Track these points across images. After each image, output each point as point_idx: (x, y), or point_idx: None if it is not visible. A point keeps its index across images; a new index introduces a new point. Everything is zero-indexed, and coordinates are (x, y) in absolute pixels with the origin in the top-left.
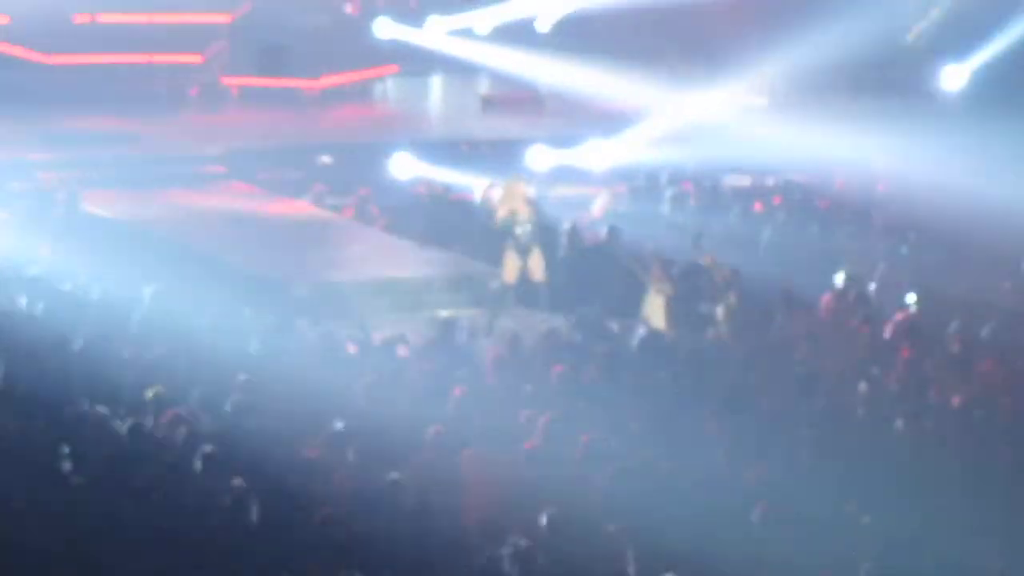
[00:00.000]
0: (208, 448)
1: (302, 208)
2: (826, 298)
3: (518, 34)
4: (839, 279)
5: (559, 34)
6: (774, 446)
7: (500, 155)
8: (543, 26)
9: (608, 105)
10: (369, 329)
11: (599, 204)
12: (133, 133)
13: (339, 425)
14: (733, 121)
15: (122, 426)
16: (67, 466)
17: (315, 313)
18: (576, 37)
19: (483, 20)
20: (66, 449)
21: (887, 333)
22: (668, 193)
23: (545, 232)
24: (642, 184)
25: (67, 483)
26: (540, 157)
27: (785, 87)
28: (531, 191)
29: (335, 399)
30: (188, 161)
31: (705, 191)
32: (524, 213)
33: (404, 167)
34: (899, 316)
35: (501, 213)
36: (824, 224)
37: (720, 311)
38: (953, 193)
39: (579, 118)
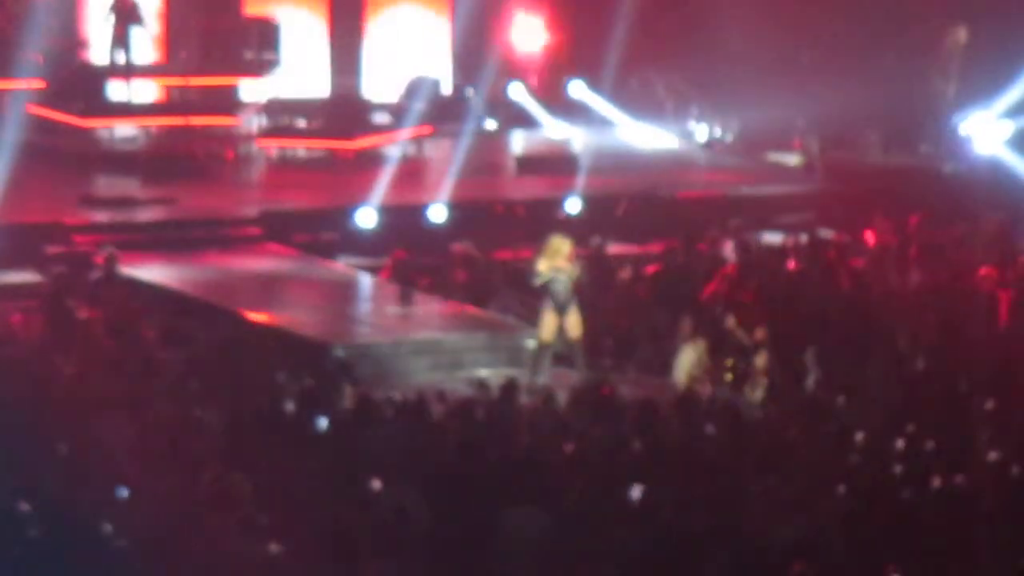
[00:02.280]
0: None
1: (338, 269)
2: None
3: None
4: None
5: None
6: (811, 503)
7: (536, 215)
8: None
9: None
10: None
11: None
12: (170, 197)
13: (376, 484)
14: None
15: None
16: None
17: (354, 375)
18: None
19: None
20: None
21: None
22: (709, 252)
23: (585, 289)
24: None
25: None
26: (575, 215)
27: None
28: (571, 248)
29: (370, 459)
30: (225, 224)
31: (740, 246)
32: (565, 270)
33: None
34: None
35: (542, 269)
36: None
37: (754, 367)
38: None
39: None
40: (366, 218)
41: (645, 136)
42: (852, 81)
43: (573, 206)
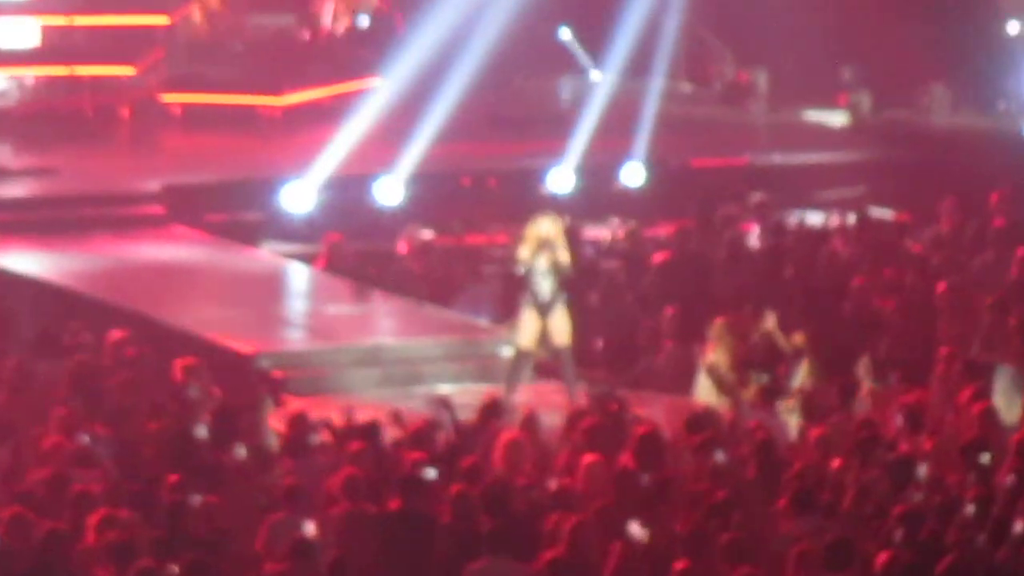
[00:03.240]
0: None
1: (261, 258)
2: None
3: None
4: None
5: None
6: (860, 554)
7: (512, 189)
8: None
9: None
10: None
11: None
12: (50, 167)
13: (310, 530)
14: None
15: None
16: None
17: (283, 391)
18: None
19: None
20: None
21: None
22: (727, 235)
23: (575, 283)
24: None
25: None
26: (562, 189)
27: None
28: (559, 232)
29: (305, 496)
30: (119, 201)
31: (767, 228)
32: (548, 260)
33: (391, 199)
34: None
35: (525, 256)
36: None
37: (791, 383)
38: None
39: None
40: (298, 195)
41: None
42: (912, 21)
43: (559, 181)
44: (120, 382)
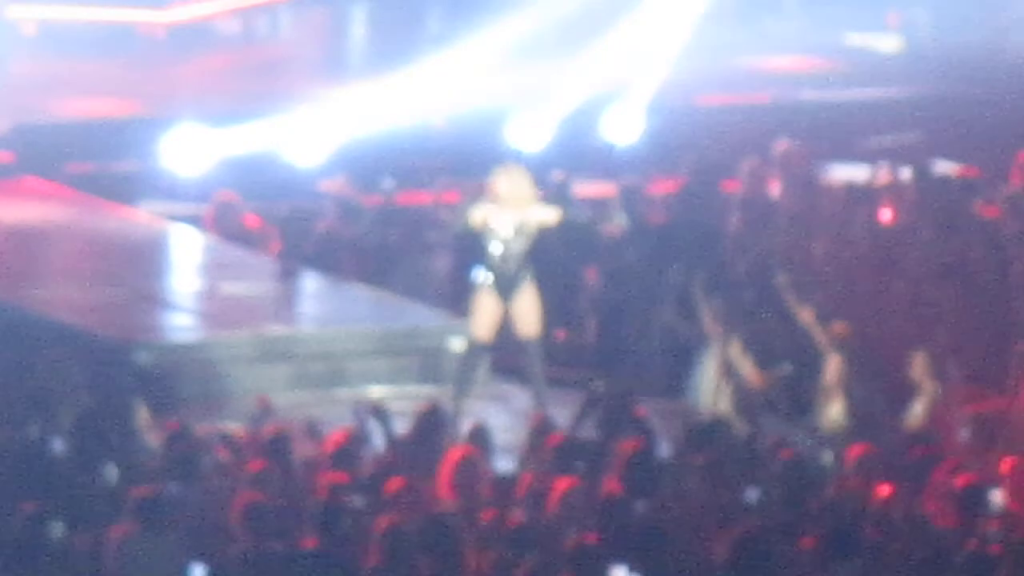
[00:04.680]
0: None
1: (138, 220)
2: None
3: None
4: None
5: None
6: None
7: (466, 133)
8: None
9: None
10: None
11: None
12: None
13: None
14: None
15: None
16: None
17: (164, 393)
18: None
19: None
20: None
21: None
22: (733, 194)
23: (546, 257)
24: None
25: None
26: (532, 134)
27: None
28: (525, 188)
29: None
30: None
31: (795, 187)
32: (510, 227)
33: (302, 148)
34: None
35: (475, 218)
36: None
37: (824, 389)
38: None
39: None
40: (186, 139)
41: None
42: None
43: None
44: None
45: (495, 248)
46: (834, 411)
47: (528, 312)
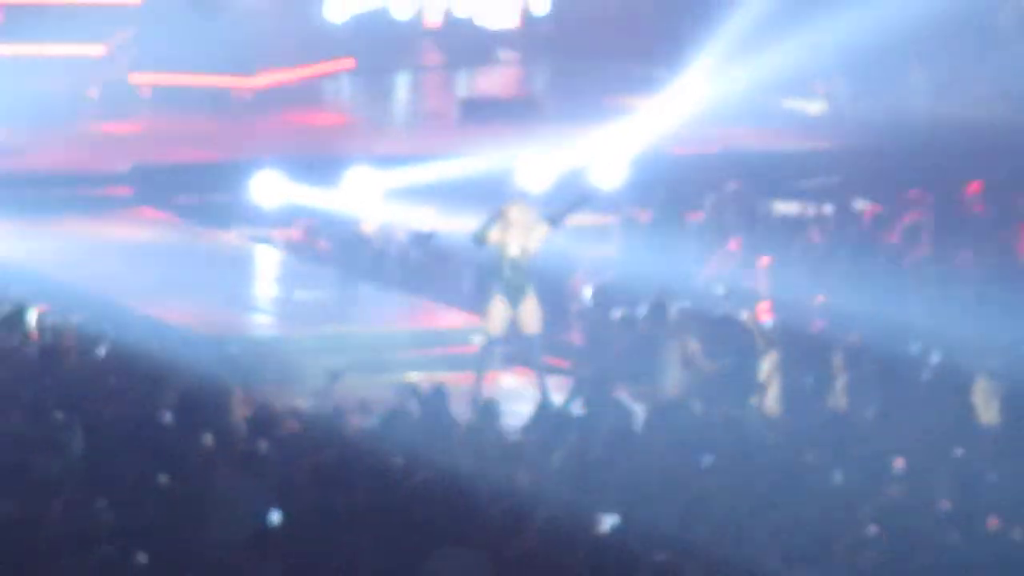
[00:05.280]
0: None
1: (231, 241)
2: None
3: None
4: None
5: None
6: (833, 548)
7: (486, 174)
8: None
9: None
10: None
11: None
12: (16, 145)
13: (275, 518)
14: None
15: None
16: None
17: (250, 376)
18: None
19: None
20: None
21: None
22: (696, 222)
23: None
24: (660, 207)
25: None
26: (534, 174)
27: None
28: (530, 217)
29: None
30: (86, 181)
31: (744, 217)
32: (518, 246)
33: (362, 191)
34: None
35: (491, 236)
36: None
37: (762, 375)
38: None
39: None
40: (265, 180)
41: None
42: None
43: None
44: (80, 365)
45: (505, 263)
46: (771, 394)
47: (531, 314)
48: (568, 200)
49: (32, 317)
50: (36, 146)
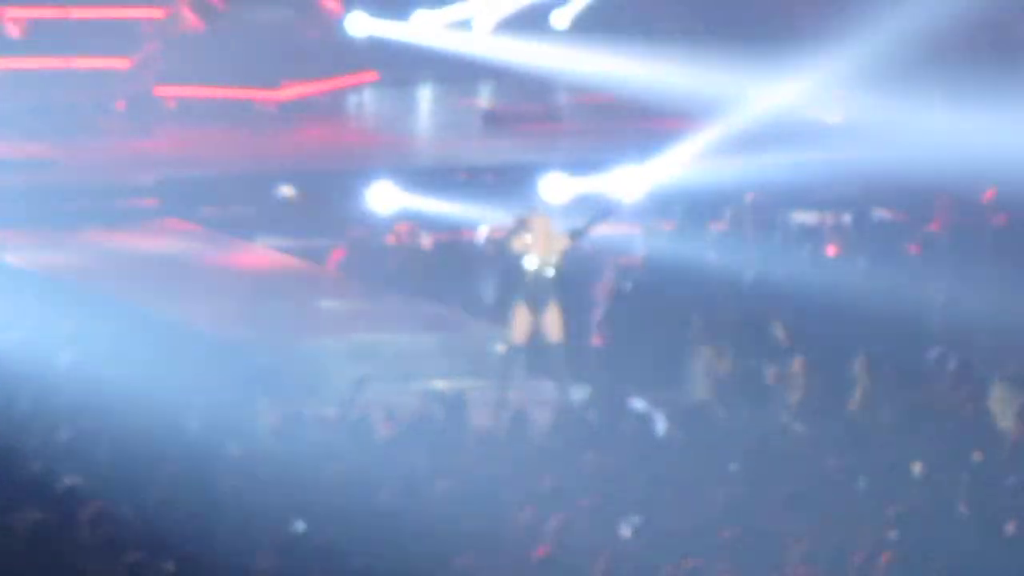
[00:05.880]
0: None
1: (257, 253)
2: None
3: (530, 29)
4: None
5: (582, 30)
6: (857, 550)
7: (508, 185)
8: (561, 21)
9: (645, 120)
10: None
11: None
12: (45, 159)
13: (300, 526)
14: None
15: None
16: None
17: (280, 384)
18: (604, 32)
19: (484, 13)
20: None
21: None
22: (715, 232)
23: (568, 282)
24: (682, 218)
25: None
26: (556, 186)
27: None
28: (552, 228)
29: (295, 492)
30: (113, 193)
31: (764, 228)
32: (540, 257)
33: (386, 201)
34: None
35: (515, 249)
36: (917, 272)
37: (786, 381)
38: None
39: (607, 137)
40: (292, 189)
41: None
42: None
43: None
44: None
45: (528, 272)
46: (794, 398)
47: (554, 323)
48: (591, 214)
49: None
50: (65, 159)
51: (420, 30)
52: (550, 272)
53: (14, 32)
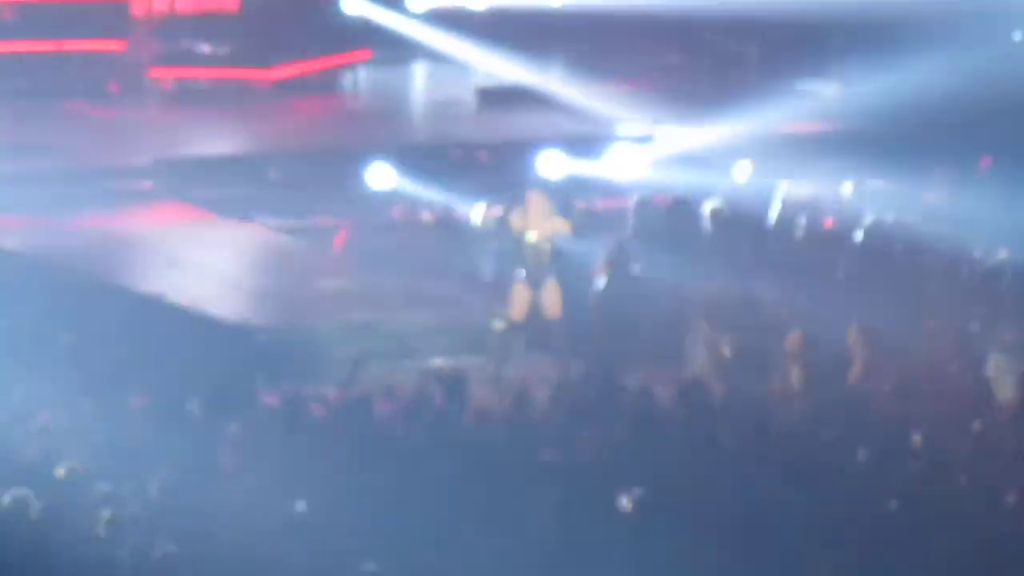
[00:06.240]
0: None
1: (254, 233)
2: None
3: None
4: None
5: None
6: (854, 524)
7: (503, 163)
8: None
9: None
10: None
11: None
12: (40, 142)
13: (300, 507)
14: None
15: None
16: None
17: (279, 365)
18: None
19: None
20: None
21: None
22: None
23: (565, 258)
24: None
25: None
26: (553, 165)
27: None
28: (550, 206)
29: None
30: (108, 175)
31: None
32: (539, 234)
33: (383, 181)
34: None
35: (514, 227)
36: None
37: (787, 357)
38: None
39: (604, 116)
40: (289, 168)
41: None
42: None
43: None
44: None
45: (526, 249)
46: (794, 374)
47: (553, 299)
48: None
49: None
50: (59, 143)
51: (412, 11)
52: (548, 248)
53: (5, 15)
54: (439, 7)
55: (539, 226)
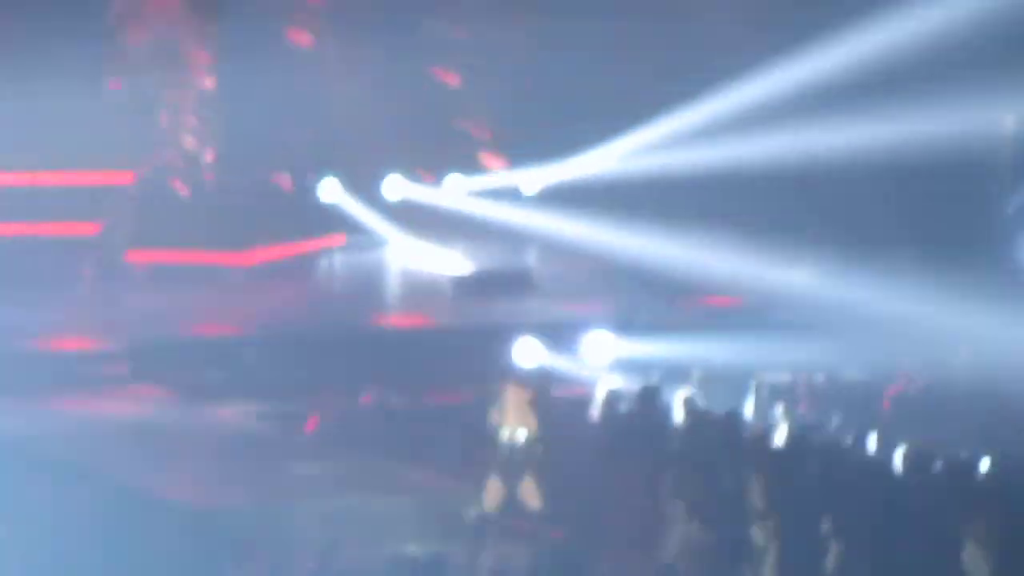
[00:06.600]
0: None
1: (229, 418)
2: None
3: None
4: None
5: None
6: None
7: (477, 350)
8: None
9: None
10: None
11: None
12: (10, 324)
13: None
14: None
15: None
16: None
17: (249, 553)
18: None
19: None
20: None
21: None
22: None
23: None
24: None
25: None
26: (528, 352)
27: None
28: (525, 396)
29: None
30: (81, 359)
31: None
32: (514, 426)
33: (358, 365)
34: None
35: (498, 422)
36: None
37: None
38: None
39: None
40: (264, 352)
41: None
42: None
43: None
44: None
45: (503, 444)
46: (768, 562)
47: (531, 493)
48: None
49: None
50: (32, 324)
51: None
52: (524, 440)
53: None
54: (412, 196)
55: (516, 418)
